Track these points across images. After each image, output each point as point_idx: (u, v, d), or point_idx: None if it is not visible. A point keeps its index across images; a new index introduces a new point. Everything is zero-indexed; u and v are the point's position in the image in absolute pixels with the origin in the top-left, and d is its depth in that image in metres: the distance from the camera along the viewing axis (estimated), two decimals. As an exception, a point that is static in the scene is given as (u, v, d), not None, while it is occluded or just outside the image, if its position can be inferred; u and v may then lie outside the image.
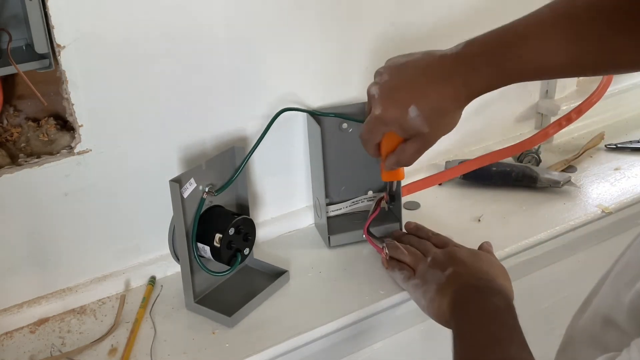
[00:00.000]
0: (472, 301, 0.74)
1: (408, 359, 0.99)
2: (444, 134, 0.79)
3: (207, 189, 0.84)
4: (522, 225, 1.02)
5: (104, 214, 0.88)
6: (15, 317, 0.85)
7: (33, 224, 0.83)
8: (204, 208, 0.85)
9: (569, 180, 1.10)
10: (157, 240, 0.93)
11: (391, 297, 0.88)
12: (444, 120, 0.77)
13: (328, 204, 1.01)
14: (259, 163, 0.98)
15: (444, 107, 0.76)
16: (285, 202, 1.03)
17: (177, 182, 0.80)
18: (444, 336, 1.01)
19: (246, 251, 0.88)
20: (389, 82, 0.78)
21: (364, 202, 1.03)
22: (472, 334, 0.70)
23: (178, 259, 0.87)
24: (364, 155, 0.98)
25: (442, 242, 0.89)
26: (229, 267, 0.86)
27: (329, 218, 1.01)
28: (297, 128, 0.99)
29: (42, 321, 0.86)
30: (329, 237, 0.98)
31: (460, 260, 0.81)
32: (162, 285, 0.92)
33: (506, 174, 1.11)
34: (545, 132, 1.14)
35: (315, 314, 0.85)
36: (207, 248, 0.85)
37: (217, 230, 0.84)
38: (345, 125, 0.98)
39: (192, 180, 0.82)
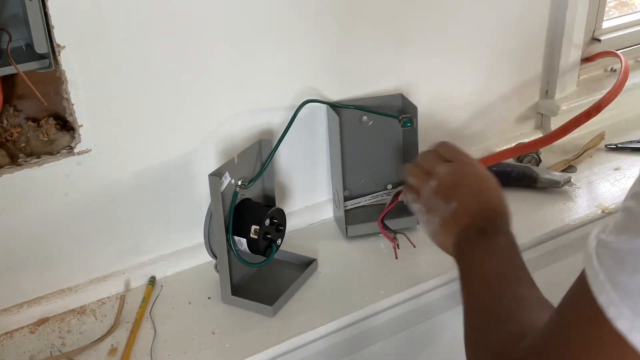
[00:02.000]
0: (477, 244, 0.73)
1: (408, 359, 0.99)
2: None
3: (239, 182, 0.85)
4: (522, 225, 1.01)
5: (104, 214, 0.88)
6: (15, 317, 0.85)
7: (33, 224, 0.83)
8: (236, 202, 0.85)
9: (569, 180, 1.10)
10: (157, 240, 0.93)
11: (391, 297, 0.88)
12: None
13: (348, 197, 1.01)
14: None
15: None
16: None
17: (217, 176, 0.80)
18: (444, 336, 1.01)
19: (279, 241, 0.89)
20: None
21: (383, 196, 1.04)
22: (478, 277, 0.70)
23: (214, 255, 0.87)
24: (384, 149, 0.99)
25: (449, 154, 0.82)
26: (264, 258, 0.87)
27: (347, 210, 1.01)
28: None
29: (42, 321, 0.86)
30: (346, 228, 0.99)
31: (465, 192, 0.77)
32: (162, 285, 0.92)
33: (506, 174, 1.11)
34: (565, 128, 1.11)
35: (315, 314, 0.86)
36: (244, 240, 0.85)
37: (253, 222, 0.84)
38: (365, 118, 0.99)
39: (227, 174, 0.82)
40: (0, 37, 0.75)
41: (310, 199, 1.05)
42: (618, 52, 1.26)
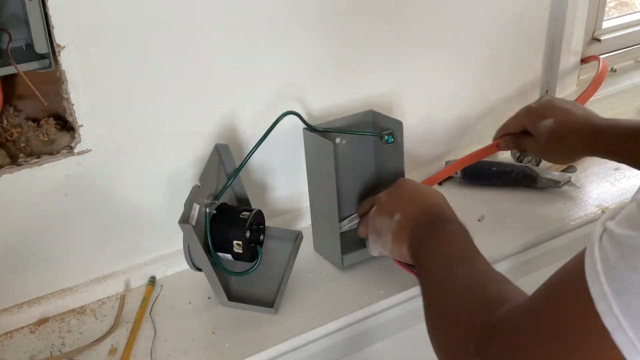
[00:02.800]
0: (429, 236, 0.76)
1: (408, 359, 0.99)
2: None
3: (209, 202, 0.83)
4: (522, 225, 1.02)
5: (104, 214, 0.88)
6: (15, 317, 0.85)
7: (33, 224, 0.83)
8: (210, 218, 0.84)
9: (569, 180, 1.10)
10: (157, 240, 0.93)
11: (391, 297, 0.88)
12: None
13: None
14: (258, 159, 0.97)
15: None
16: (279, 204, 1.03)
17: (187, 223, 0.78)
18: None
19: (261, 238, 0.88)
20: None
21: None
22: (435, 263, 0.72)
23: (198, 269, 0.85)
24: (359, 170, 0.95)
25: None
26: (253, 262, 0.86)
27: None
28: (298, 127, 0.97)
29: (42, 321, 0.86)
30: (342, 258, 0.92)
31: (405, 202, 0.83)
32: (162, 285, 0.92)
33: (506, 174, 1.11)
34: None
35: (315, 314, 0.86)
36: (229, 255, 0.84)
37: (234, 237, 0.83)
38: (338, 139, 0.95)
39: (194, 205, 0.80)
40: (0, 37, 0.75)
41: (297, 202, 1.03)
42: (600, 56, 1.25)
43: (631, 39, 1.40)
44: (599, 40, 1.33)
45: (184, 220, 0.79)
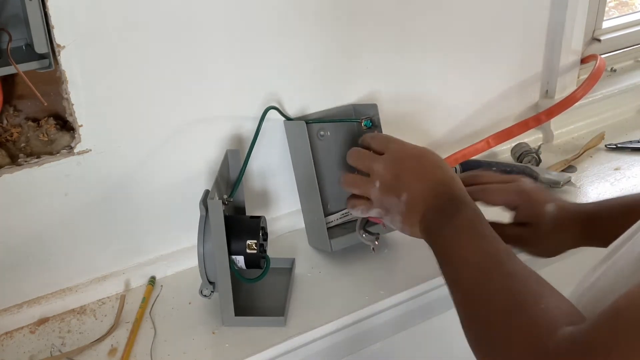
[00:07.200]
0: (443, 226, 0.70)
1: (408, 359, 0.99)
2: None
3: (225, 199, 0.82)
4: (522, 225, 1.02)
5: (104, 214, 0.88)
6: (15, 317, 0.85)
7: (33, 224, 0.83)
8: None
9: (569, 180, 1.10)
10: (157, 240, 0.93)
11: (391, 297, 0.88)
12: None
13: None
14: (253, 163, 0.97)
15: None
16: (284, 200, 1.03)
17: (219, 200, 0.77)
18: (444, 336, 1.01)
19: (267, 248, 0.87)
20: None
21: (350, 214, 0.98)
22: (460, 262, 0.66)
23: (210, 282, 0.84)
24: (346, 164, 0.94)
25: (379, 147, 0.81)
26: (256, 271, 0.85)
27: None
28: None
29: (42, 321, 0.86)
30: (330, 242, 0.93)
31: (409, 179, 0.76)
32: (162, 285, 0.92)
33: (506, 174, 1.11)
34: (509, 131, 1.15)
35: (315, 314, 0.86)
36: (241, 258, 0.82)
37: (248, 237, 0.82)
38: (322, 132, 0.94)
39: (215, 194, 0.80)
40: (0, 37, 0.75)
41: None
42: (599, 55, 1.25)
43: (631, 39, 1.40)
44: (599, 40, 1.33)
45: (214, 197, 0.77)
